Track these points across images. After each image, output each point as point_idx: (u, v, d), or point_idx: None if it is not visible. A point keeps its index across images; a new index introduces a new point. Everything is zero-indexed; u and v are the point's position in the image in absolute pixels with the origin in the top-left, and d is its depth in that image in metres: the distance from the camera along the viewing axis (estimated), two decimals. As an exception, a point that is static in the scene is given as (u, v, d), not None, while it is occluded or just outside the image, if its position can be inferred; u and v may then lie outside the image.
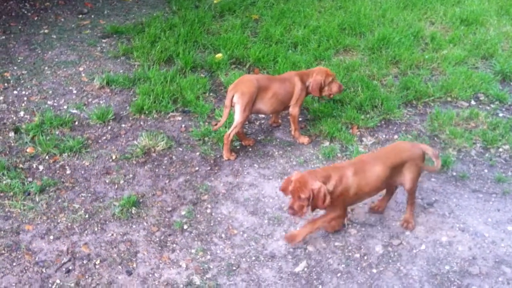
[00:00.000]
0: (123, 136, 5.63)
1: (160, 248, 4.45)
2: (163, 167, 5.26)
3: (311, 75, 5.49)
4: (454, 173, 5.31)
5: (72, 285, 4.12)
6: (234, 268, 4.31)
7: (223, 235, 4.59)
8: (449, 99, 6.37)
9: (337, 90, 5.60)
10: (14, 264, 4.25)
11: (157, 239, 4.52)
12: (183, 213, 4.78)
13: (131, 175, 5.14)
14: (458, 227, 4.71)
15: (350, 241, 4.58)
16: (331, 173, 4.24)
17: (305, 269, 4.33)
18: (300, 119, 5.85)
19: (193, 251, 4.43)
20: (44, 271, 4.21)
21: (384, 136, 5.80)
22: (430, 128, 5.88)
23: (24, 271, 4.19)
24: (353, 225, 4.72)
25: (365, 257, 4.44)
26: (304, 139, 5.65)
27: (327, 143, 5.65)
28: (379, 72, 6.76)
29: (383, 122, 5.99)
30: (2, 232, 4.50)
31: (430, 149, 4.61)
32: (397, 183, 4.57)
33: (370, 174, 4.33)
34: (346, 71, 6.71)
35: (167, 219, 4.71)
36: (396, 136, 5.78)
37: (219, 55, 6.88)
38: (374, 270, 4.32)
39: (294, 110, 5.51)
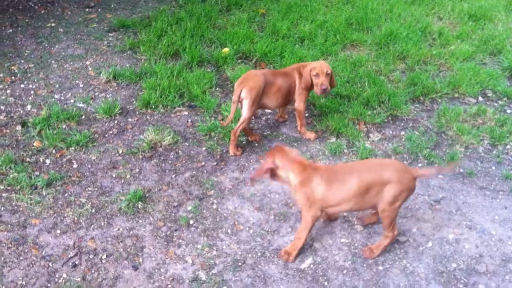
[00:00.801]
0: (129, 130, 5.63)
1: (166, 243, 4.46)
2: (170, 162, 5.26)
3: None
4: (461, 170, 5.29)
5: (79, 279, 4.13)
6: (240, 264, 4.31)
7: (229, 231, 4.59)
8: (456, 95, 6.34)
9: (317, 87, 5.27)
10: (21, 258, 4.26)
11: (163, 234, 4.53)
12: (189, 208, 4.78)
13: (137, 170, 5.15)
14: (465, 225, 4.70)
15: (356, 238, 4.57)
16: (301, 168, 4.12)
17: (311, 265, 4.33)
18: (306, 114, 5.84)
19: (199, 246, 4.44)
20: (51, 265, 4.22)
21: (391, 132, 5.78)
22: (437, 124, 5.86)
23: (31, 265, 4.21)
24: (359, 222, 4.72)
25: (371, 254, 4.44)
26: (311, 135, 5.63)
27: (333, 139, 5.63)
28: (386, 67, 6.73)
29: (390, 118, 5.97)
30: (9, 225, 4.52)
31: (428, 172, 4.27)
32: (374, 204, 4.18)
33: (339, 185, 4.10)
34: (353, 66, 6.69)
35: (173, 214, 4.71)
36: (403, 132, 5.76)
37: (225, 49, 6.87)
38: (380, 267, 4.32)
39: (299, 105, 5.48)
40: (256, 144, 5.53)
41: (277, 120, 5.91)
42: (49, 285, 4.08)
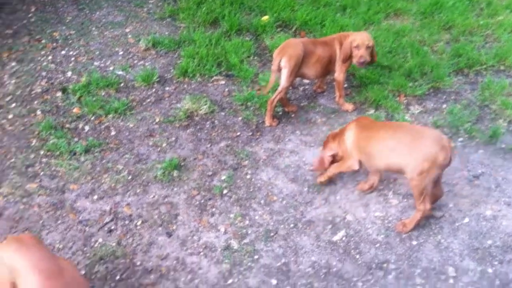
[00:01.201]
0: (166, 99, 5.66)
1: (200, 211, 4.50)
2: (205, 131, 5.28)
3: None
4: (503, 145, 5.13)
5: (114, 244, 4.22)
6: (271, 234, 4.33)
7: (262, 201, 4.60)
8: (502, 67, 6.12)
9: (356, 59, 5.17)
10: (59, 222, 4.38)
11: (197, 203, 4.57)
12: (223, 177, 4.80)
13: (173, 138, 5.18)
14: (503, 201, 4.57)
15: (391, 212, 4.51)
16: (343, 128, 4.57)
17: (343, 238, 4.31)
18: (345, 85, 5.73)
19: (232, 216, 4.47)
20: (87, 230, 4.33)
21: (432, 105, 5.63)
22: (481, 97, 5.67)
23: (68, 229, 4.33)
24: (394, 196, 4.65)
25: (406, 229, 4.38)
26: (349, 106, 5.54)
27: (372, 111, 5.53)
28: (430, 37, 6.53)
29: (431, 91, 5.81)
30: (48, 190, 4.63)
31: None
32: (401, 168, 4.15)
33: (369, 134, 4.27)
34: (396, 36, 6.52)
35: (207, 183, 4.75)
36: (444, 105, 5.61)
37: (265, 17, 6.77)
38: (414, 242, 4.26)
39: (339, 75, 5.39)
40: (293, 115, 5.49)
41: (315, 91, 5.83)
42: (85, 248, 4.19)
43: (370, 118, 4.56)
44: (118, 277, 4.00)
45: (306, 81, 5.91)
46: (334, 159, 4.58)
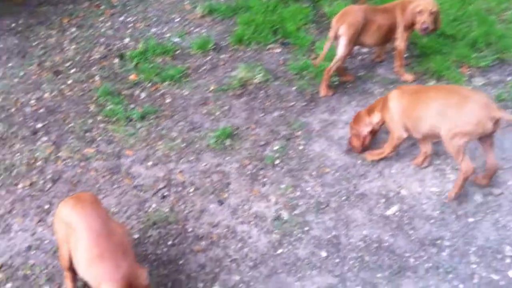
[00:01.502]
0: (221, 67, 5.64)
1: (251, 181, 4.50)
2: (259, 100, 5.24)
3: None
4: None
5: (167, 210, 4.29)
6: (323, 206, 4.29)
7: (314, 173, 4.55)
8: None
9: (419, 26, 4.98)
10: (115, 186, 4.48)
11: (249, 172, 4.57)
12: (275, 148, 4.77)
13: (227, 107, 5.18)
14: None
15: (447, 188, 4.38)
16: (380, 100, 4.60)
17: (397, 213, 4.22)
18: (406, 55, 5.54)
19: (283, 186, 4.45)
20: (142, 195, 4.41)
21: (496, 77, 5.39)
22: (550, 70, 5.39)
23: (124, 194, 4.42)
24: (452, 171, 4.50)
25: (462, 205, 4.25)
26: (409, 77, 5.36)
27: (433, 82, 5.35)
28: (498, 6, 6.22)
29: (496, 62, 5.56)
30: (104, 155, 4.73)
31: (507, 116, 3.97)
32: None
33: (415, 98, 4.23)
34: (462, 3, 6.25)
35: (259, 153, 4.73)
36: (509, 78, 5.35)
37: (324, -17, 6.60)
38: (470, 219, 4.14)
39: (400, 43, 5.21)
40: (349, 85, 5.37)
41: (373, 60, 5.68)
42: (139, 213, 4.28)
43: (411, 85, 4.75)
44: (170, 242, 4.08)
45: (364, 49, 5.75)
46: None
